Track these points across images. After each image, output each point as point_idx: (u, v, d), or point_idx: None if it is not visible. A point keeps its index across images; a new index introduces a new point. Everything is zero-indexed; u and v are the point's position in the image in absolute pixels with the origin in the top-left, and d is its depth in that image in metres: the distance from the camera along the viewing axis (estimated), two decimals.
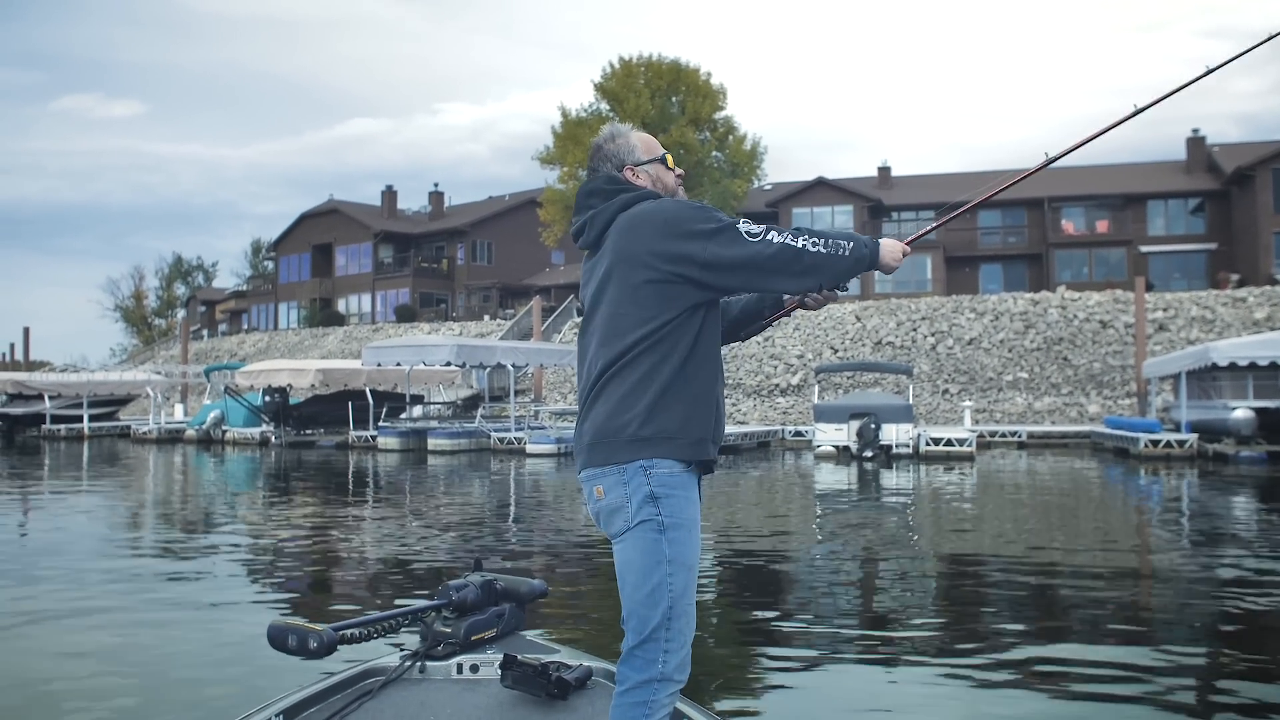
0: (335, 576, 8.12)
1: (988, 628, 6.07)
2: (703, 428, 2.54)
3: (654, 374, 2.49)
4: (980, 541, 9.94)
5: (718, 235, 2.47)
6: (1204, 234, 45.16)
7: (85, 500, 14.18)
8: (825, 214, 46.86)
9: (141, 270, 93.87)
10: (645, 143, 2.83)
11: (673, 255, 2.48)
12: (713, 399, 2.59)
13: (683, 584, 2.46)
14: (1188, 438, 20.48)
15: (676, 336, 2.51)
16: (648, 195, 2.68)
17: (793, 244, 2.45)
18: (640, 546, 2.46)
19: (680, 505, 2.48)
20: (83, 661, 5.29)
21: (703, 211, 2.51)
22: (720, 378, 2.66)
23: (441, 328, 47.75)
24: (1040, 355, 32.86)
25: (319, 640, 2.76)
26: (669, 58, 48.60)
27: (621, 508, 2.49)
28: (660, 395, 2.49)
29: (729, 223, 2.48)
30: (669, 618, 2.44)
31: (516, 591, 3.40)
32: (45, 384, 33.69)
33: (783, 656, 5.42)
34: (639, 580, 2.46)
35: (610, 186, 2.73)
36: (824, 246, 2.47)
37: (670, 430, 2.49)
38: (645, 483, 2.47)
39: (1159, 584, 7.61)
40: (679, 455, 2.50)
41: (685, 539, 2.47)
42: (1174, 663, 5.18)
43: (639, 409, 2.49)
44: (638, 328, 2.50)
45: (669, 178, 2.81)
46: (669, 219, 2.51)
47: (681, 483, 2.50)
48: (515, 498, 14.63)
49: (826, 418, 22.00)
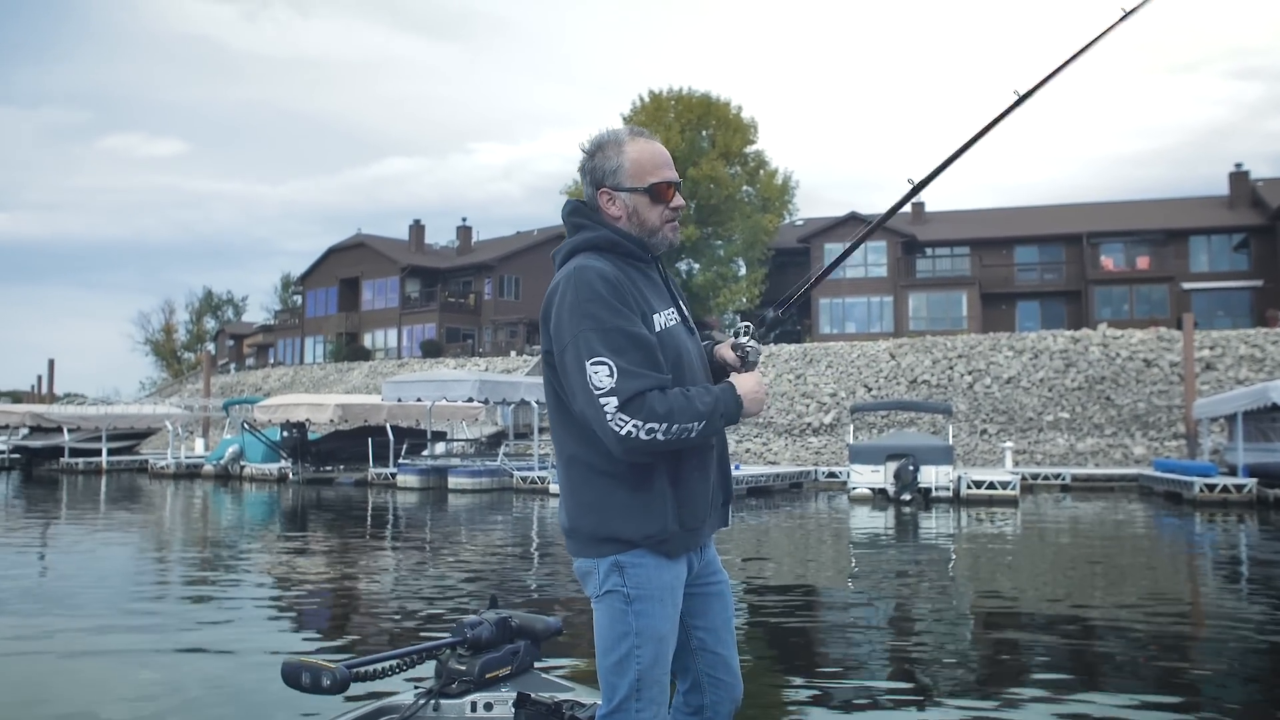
0: (349, 614, 8.10)
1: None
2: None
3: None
4: (1037, 600, 8.99)
5: (573, 353, 2.24)
6: (1248, 270, 43.91)
7: (99, 537, 13.74)
8: (858, 250, 45.94)
9: (171, 304, 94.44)
10: (637, 163, 2.40)
11: (548, 342, 2.34)
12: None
13: (651, 656, 2.34)
14: (1246, 482, 19.35)
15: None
16: (598, 241, 2.38)
17: (629, 434, 2.18)
18: (608, 616, 2.36)
19: (649, 574, 2.34)
20: (93, 697, 5.34)
21: (592, 320, 2.23)
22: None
23: (468, 363, 47.15)
24: (1082, 395, 31.75)
25: (332, 678, 2.75)
26: (699, 91, 48.19)
27: (590, 574, 2.40)
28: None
29: (598, 358, 2.20)
30: (638, 689, 2.33)
31: (532, 629, 3.32)
32: (64, 416, 33.26)
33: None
34: (606, 649, 2.36)
35: (573, 219, 2.45)
36: (664, 435, 2.20)
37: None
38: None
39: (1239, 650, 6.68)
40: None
41: (653, 610, 2.34)
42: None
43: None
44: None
45: (652, 215, 2.42)
46: (572, 302, 2.27)
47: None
48: (535, 537, 13.89)
49: (862, 459, 21.05)
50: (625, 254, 2.41)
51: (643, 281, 2.40)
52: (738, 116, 48.34)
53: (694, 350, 2.49)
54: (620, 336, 2.22)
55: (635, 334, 2.25)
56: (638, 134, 2.44)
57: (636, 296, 2.33)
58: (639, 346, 2.24)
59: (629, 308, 2.27)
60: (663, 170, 2.42)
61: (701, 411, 2.25)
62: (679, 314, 2.48)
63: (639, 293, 2.35)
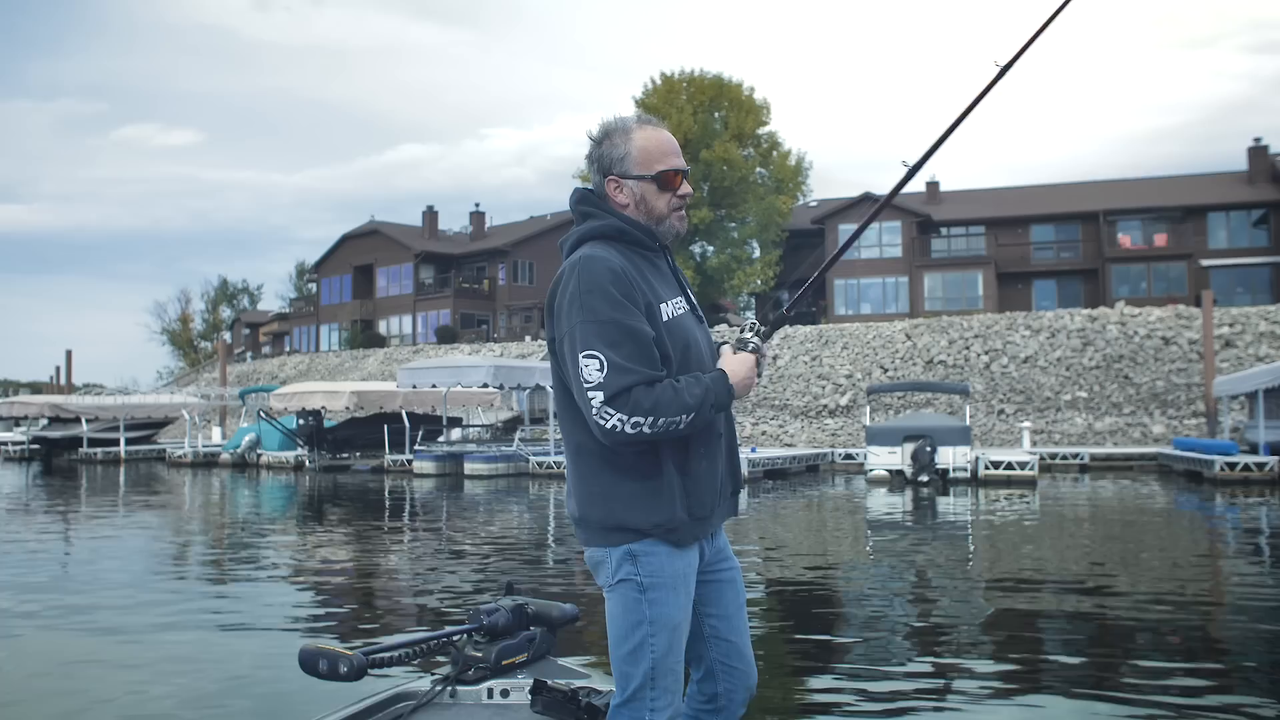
0: (366, 601, 8.12)
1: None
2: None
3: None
4: (1058, 583, 8.89)
5: (569, 344, 2.27)
6: (1268, 246, 43.43)
7: (118, 525, 13.78)
8: (872, 230, 45.60)
9: (188, 293, 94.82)
10: (644, 150, 2.40)
11: (552, 331, 2.36)
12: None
13: (665, 645, 2.34)
14: (1268, 460, 19.16)
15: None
16: (606, 230, 2.38)
17: (614, 427, 2.21)
18: (621, 605, 2.36)
19: (661, 563, 2.34)
20: (108, 679, 5.42)
21: (589, 311, 2.24)
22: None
23: (483, 348, 47.13)
24: (1100, 374, 31.52)
25: (349, 664, 2.76)
26: (711, 73, 47.90)
27: (603, 563, 2.40)
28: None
29: (589, 351, 2.22)
30: (652, 678, 2.34)
31: (548, 616, 3.34)
32: (82, 407, 33.41)
33: (832, 702, 4.81)
34: (620, 639, 2.37)
35: (580, 208, 2.45)
36: (650, 429, 2.21)
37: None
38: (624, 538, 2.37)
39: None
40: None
41: (667, 599, 2.34)
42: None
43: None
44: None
45: (659, 203, 2.41)
46: (573, 293, 2.28)
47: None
48: (552, 523, 13.86)
49: (879, 440, 20.94)
50: (633, 242, 2.41)
51: (650, 270, 2.41)
52: (750, 98, 48.03)
53: (702, 338, 2.49)
54: (615, 329, 2.22)
55: (631, 327, 2.25)
56: (645, 122, 2.44)
57: (642, 286, 2.33)
58: (633, 340, 2.24)
59: (631, 299, 2.27)
60: (670, 158, 2.41)
61: (689, 404, 2.25)
62: (687, 302, 2.48)
63: (645, 282, 2.35)
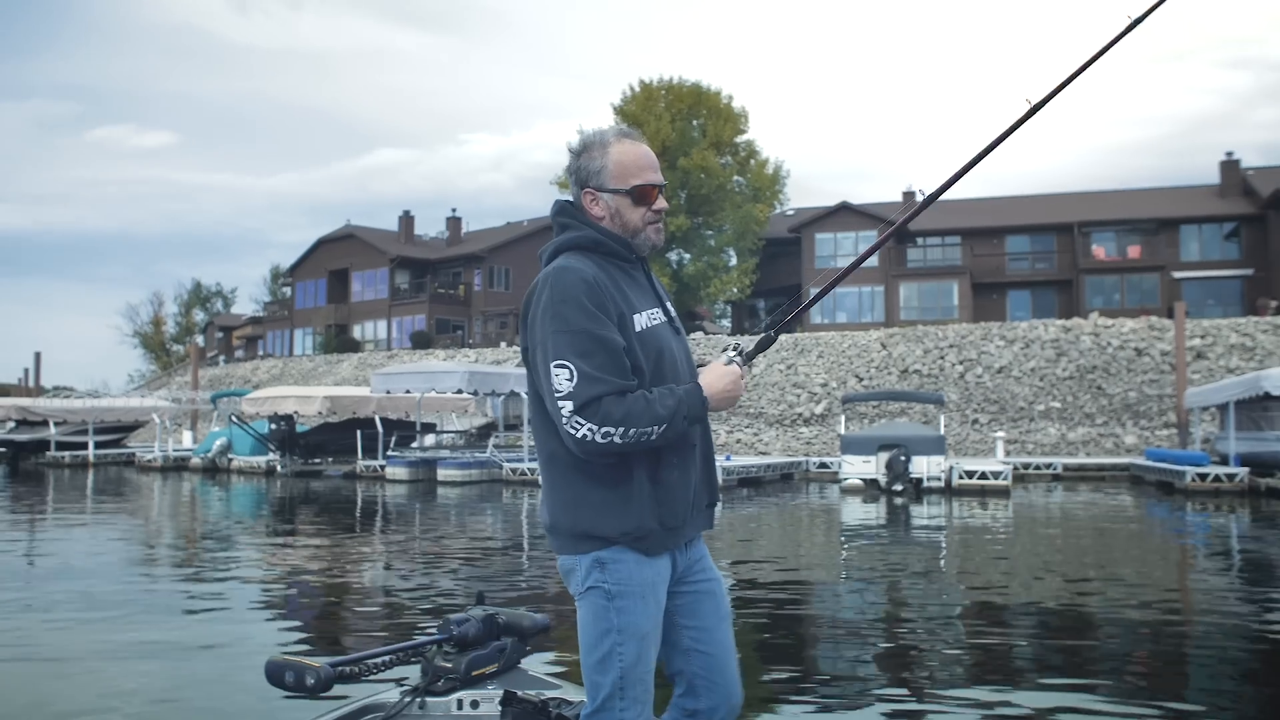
0: (334, 610, 8.01)
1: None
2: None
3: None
4: (1028, 591, 8.88)
5: (541, 354, 2.30)
6: (1239, 259, 43.92)
7: (85, 532, 13.55)
8: (849, 239, 45.83)
9: (160, 296, 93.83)
10: (620, 165, 2.42)
11: (524, 340, 2.39)
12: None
13: (634, 654, 2.33)
14: (1238, 471, 19.30)
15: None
16: (582, 241, 2.41)
17: (584, 437, 2.22)
18: (590, 613, 2.37)
19: (630, 571, 2.34)
20: (73, 694, 5.27)
21: (561, 321, 2.26)
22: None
23: (458, 354, 46.88)
24: (1073, 384, 31.72)
25: (316, 676, 2.73)
26: (690, 81, 47.96)
27: (573, 571, 2.41)
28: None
29: (560, 361, 2.24)
30: (621, 687, 2.33)
31: (519, 626, 3.31)
32: (50, 410, 32.92)
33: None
34: (589, 647, 2.37)
35: (559, 219, 2.49)
36: (621, 439, 2.22)
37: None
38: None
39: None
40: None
41: (634, 607, 2.34)
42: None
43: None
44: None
45: (634, 216, 2.43)
46: (547, 303, 2.31)
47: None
48: (525, 531, 13.75)
49: (854, 449, 20.94)
50: (609, 254, 2.43)
51: (625, 281, 2.43)
52: (728, 106, 48.13)
53: (678, 349, 2.48)
54: (587, 339, 2.24)
55: (602, 337, 2.26)
56: (624, 135, 2.45)
57: (616, 297, 2.34)
58: (605, 350, 2.26)
59: (604, 310, 2.29)
60: (646, 173, 2.43)
61: (661, 415, 2.26)
62: (664, 313, 2.48)
63: (620, 293, 2.37)
